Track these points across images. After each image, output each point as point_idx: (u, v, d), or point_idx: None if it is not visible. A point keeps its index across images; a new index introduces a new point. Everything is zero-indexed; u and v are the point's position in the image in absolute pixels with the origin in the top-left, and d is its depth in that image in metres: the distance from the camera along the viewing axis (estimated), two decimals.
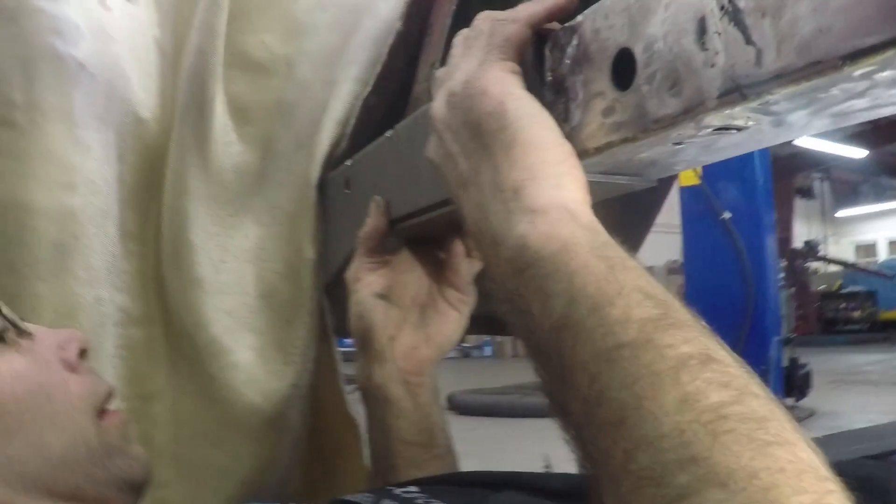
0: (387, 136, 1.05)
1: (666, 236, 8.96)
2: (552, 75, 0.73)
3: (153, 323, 1.27)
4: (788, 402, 7.12)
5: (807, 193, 26.53)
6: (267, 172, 1.28)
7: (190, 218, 1.22)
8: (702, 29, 0.56)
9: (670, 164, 0.73)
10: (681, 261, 8.12)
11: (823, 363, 10.92)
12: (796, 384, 7.13)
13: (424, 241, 1.06)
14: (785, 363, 7.15)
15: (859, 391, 9.05)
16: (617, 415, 0.50)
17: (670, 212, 7.14)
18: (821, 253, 19.30)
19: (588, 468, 0.54)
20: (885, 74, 0.48)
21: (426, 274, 1.07)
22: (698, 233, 7.23)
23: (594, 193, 0.67)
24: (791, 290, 15.30)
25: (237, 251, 1.26)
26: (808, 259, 17.17)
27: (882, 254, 28.67)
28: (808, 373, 7.33)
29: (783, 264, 14.16)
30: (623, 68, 0.64)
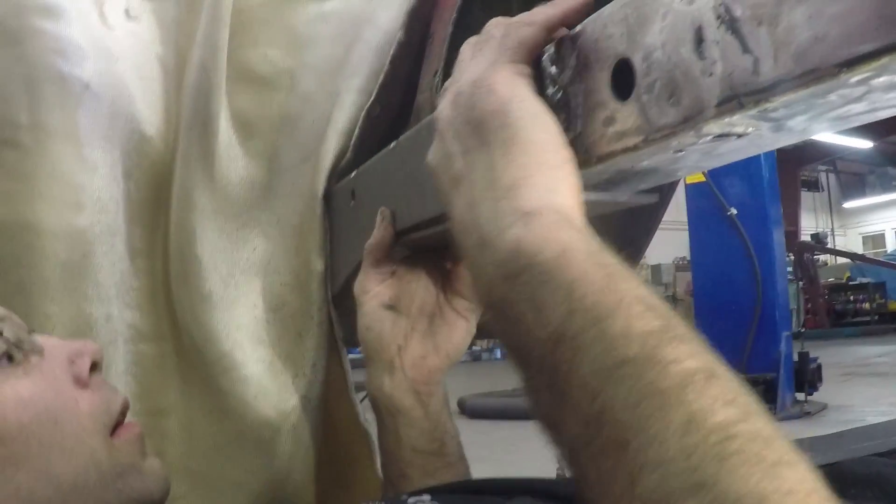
0: (391, 148, 1.05)
1: (674, 233, 8.97)
2: (553, 85, 0.73)
3: (163, 339, 1.27)
4: (800, 397, 7.11)
5: (813, 186, 26.51)
6: (273, 186, 1.28)
7: (197, 233, 1.22)
8: (699, 38, 0.56)
9: (672, 171, 0.73)
10: (689, 257, 8.10)
11: (834, 356, 10.90)
12: (807, 379, 7.11)
13: (431, 251, 1.06)
14: (795, 358, 7.14)
15: (870, 383, 9.02)
16: (620, 436, 0.48)
17: (677, 209, 7.14)
18: (829, 245, 19.28)
19: (586, 489, 0.52)
20: (882, 80, 0.48)
21: (433, 283, 1.08)
22: (705, 229, 7.24)
23: (595, 210, 0.67)
24: (800, 284, 15.29)
25: (245, 265, 1.27)
26: (816, 252, 17.15)
27: (890, 244, 28.62)
28: (819, 367, 7.31)
29: (791, 258, 14.15)
30: (623, 78, 0.65)
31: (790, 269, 12.42)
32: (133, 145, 1.22)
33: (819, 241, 17.68)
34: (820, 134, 0.62)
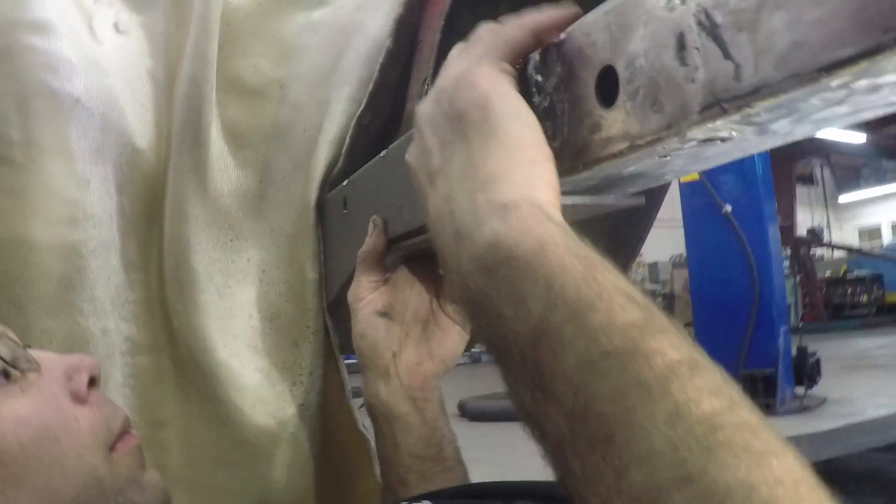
0: (381, 156, 1.06)
1: (670, 231, 8.97)
2: (539, 93, 0.74)
3: (160, 350, 1.27)
4: (799, 391, 7.12)
5: (808, 180, 26.49)
6: (265, 195, 1.29)
7: (191, 245, 1.23)
8: (681, 44, 0.57)
9: (659, 175, 0.74)
10: (685, 255, 8.10)
11: (833, 349, 10.89)
12: (806, 373, 7.11)
13: (423, 258, 1.07)
14: (794, 352, 7.15)
15: (870, 375, 9.01)
16: (605, 430, 0.48)
17: (673, 206, 7.17)
18: (825, 239, 19.28)
19: (572, 486, 0.51)
20: (863, 83, 0.49)
21: (426, 290, 1.08)
22: (700, 227, 7.24)
23: (584, 213, 0.67)
24: (797, 279, 15.30)
25: (240, 275, 1.27)
26: (813, 246, 17.16)
27: (886, 237, 28.62)
28: (818, 361, 7.31)
29: (788, 253, 14.15)
30: (607, 85, 0.65)
31: (787, 264, 12.43)
32: (125, 159, 1.22)
33: (815, 236, 17.67)
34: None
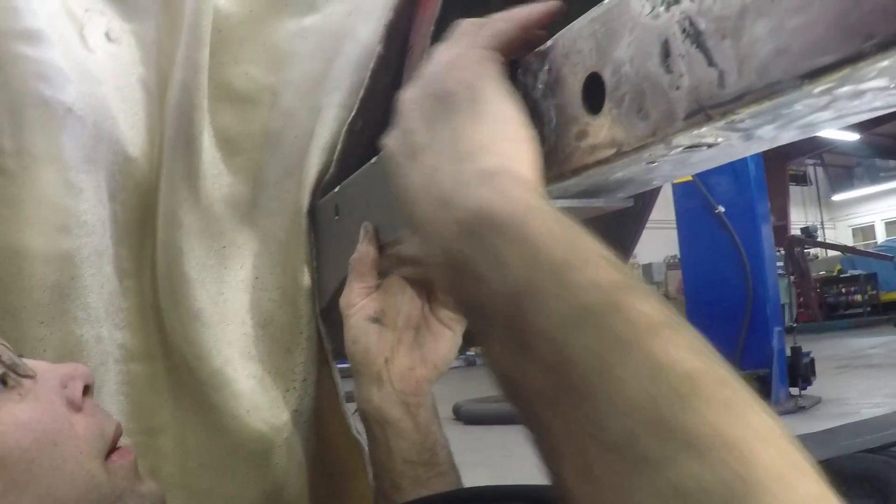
0: (372, 163, 1.06)
1: (664, 232, 8.99)
2: (526, 100, 0.74)
3: (154, 358, 1.27)
4: (794, 392, 7.13)
5: (802, 180, 26.55)
6: (258, 202, 1.29)
7: (185, 252, 1.23)
8: (666, 52, 0.57)
9: (647, 181, 0.74)
10: (679, 256, 8.11)
11: (827, 349, 10.93)
12: (801, 373, 7.13)
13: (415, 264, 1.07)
14: (788, 353, 7.16)
15: (864, 375, 9.04)
16: (586, 384, 0.47)
17: (667, 208, 7.18)
18: (819, 238, 19.31)
19: (548, 444, 0.50)
20: (846, 89, 0.49)
21: (418, 295, 1.08)
22: (693, 228, 7.26)
23: (572, 216, 0.68)
24: (791, 278, 15.32)
25: (233, 282, 1.27)
26: (807, 246, 17.18)
27: (880, 235, 28.69)
28: (812, 361, 7.33)
29: (781, 252, 14.17)
30: (594, 92, 0.66)
31: (781, 264, 12.44)
32: (118, 167, 1.23)
33: (809, 235, 17.70)
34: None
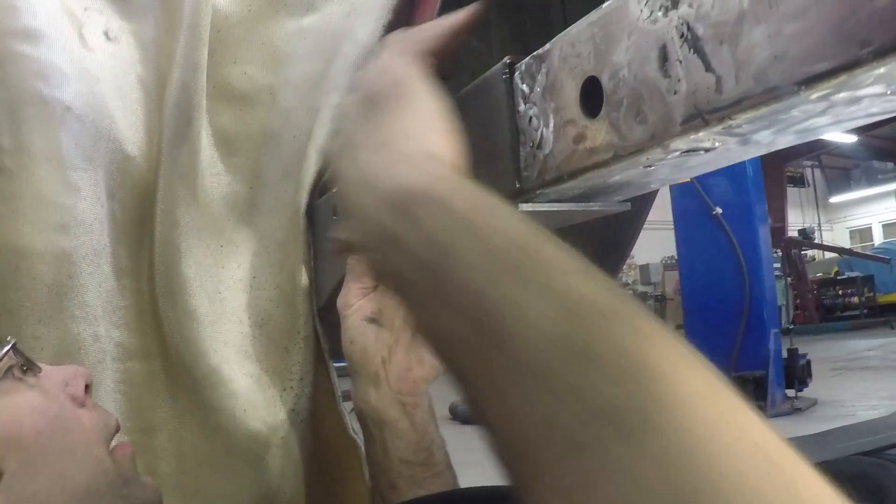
0: None
1: (662, 233, 9.00)
2: (524, 102, 0.75)
3: (151, 356, 1.27)
4: (790, 393, 7.14)
5: (799, 182, 26.58)
6: (256, 202, 1.29)
7: (182, 251, 1.23)
8: (664, 56, 0.58)
9: (644, 184, 0.74)
10: (676, 257, 8.12)
11: (824, 351, 10.94)
12: (797, 375, 7.14)
13: None
14: (784, 354, 7.17)
15: (860, 377, 9.05)
16: (506, 327, 0.47)
17: (665, 208, 7.19)
18: (816, 240, 19.31)
19: (478, 399, 0.50)
20: (843, 95, 0.49)
21: None
22: (691, 229, 7.25)
23: (570, 219, 0.68)
24: (788, 280, 15.33)
25: (231, 281, 1.27)
26: (804, 247, 17.20)
27: (877, 237, 28.70)
28: (808, 363, 7.34)
29: (779, 254, 14.17)
30: (591, 95, 0.66)
31: (778, 266, 12.45)
32: (116, 166, 1.23)
33: (806, 237, 17.71)
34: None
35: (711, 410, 0.40)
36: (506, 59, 0.78)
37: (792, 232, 17.70)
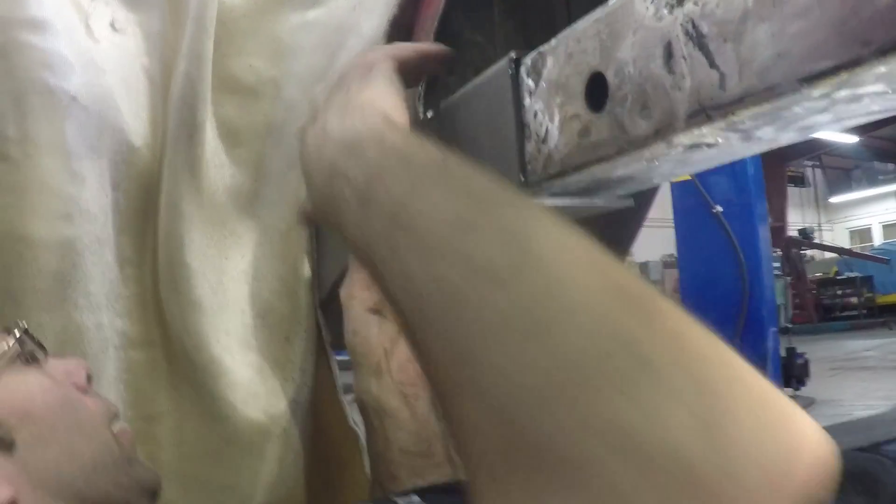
0: None
1: (661, 230, 8.98)
2: (530, 97, 0.75)
3: (153, 345, 1.28)
4: (788, 392, 7.14)
5: (800, 181, 26.57)
6: (259, 193, 1.30)
7: (185, 241, 1.23)
8: (669, 53, 0.58)
9: (647, 179, 0.75)
10: (676, 255, 8.11)
11: (822, 350, 10.93)
12: (795, 374, 7.15)
13: None
14: (783, 353, 7.17)
15: (858, 377, 9.05)
16: (419, 232, 0.55)
17: (664, 206, 7.17)
18: (816, 240, 19.29)
19: (388, 278, 0.57)
20: (844, 93, 0.50)
21: None
22: (691, 227, 7.23)
23: (573, 214, 0.69)
24: (787, 280, 15.32)
25: (233, 272, 1.28)
26: (804, 247, 17.18)
27: (877, 238, 28.68)
28: (806, 362, 7.34)
29: (779, 253, 14.17)
30: (596, 91, 0.67)
31: (778, 265, 12.44)
32: (121, 156, 1.23)
33: (806, 237, 17.70)
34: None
35: (575, 260, 0.48)
36: (511, 55, 0.79)
37: (792, 231, 17.69)
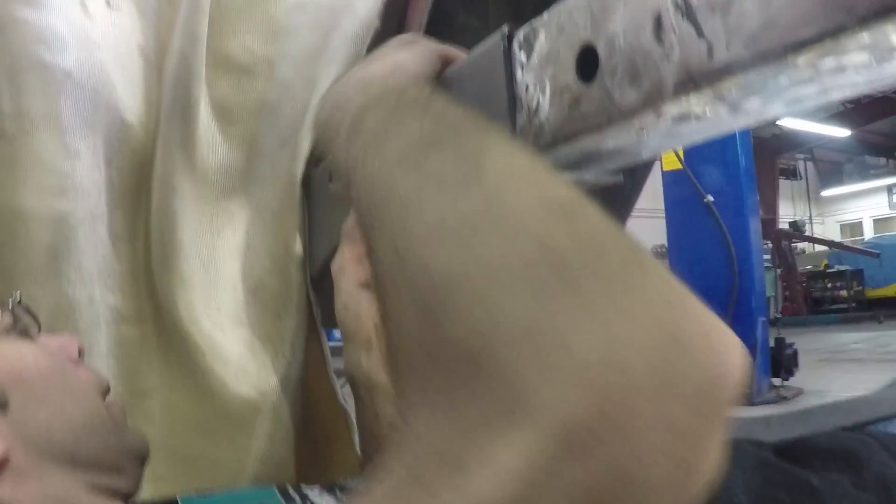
0: None
1: (652, 220, 8.99)
2: (522, 70, 0.76)
3: (145, 320, 1.29)
4: (776, 382, 7.18)
5: (791, 174, 26.63)
6: (252, 171, 1.31)
7: (178, 218, 1.24)
8: (658, 25, 0.59)
9: (637, 152, 0.76)
10: (667, 245, 8.13)
11: (811, 342, 10.98)
12: (783, 364, 7.18)
13: None
14: (771, 343, 7.20)
15: (846, 369, 9.09)
16: (388, 138, 0.61)
17: (655, 196, 7.18)
18: (807, 233, 19.33)
19: (357, 189, 0.61)
20: (828, 63, 0.51)
21: None
22: (682, 217, 7.25)
23: None
24: (778, 271, 15.37)
25: (225, 248, 1.29)
26: (794, 239, 17.23)
27: (868, 232, 28.75)
28: (795, 352, 7.36)
29: (769, 246, 14.21)
30: (587, 62, 0.68)
31: (768, 257, 12.48)
32: (115, 132, 1.24)
33: (797, 229, 17.74)
34: (801, 115, 0.65)
35: (518, 176, 0.51)
36: (504, 29, 0.80)
37: (783, 224, 17.75)
